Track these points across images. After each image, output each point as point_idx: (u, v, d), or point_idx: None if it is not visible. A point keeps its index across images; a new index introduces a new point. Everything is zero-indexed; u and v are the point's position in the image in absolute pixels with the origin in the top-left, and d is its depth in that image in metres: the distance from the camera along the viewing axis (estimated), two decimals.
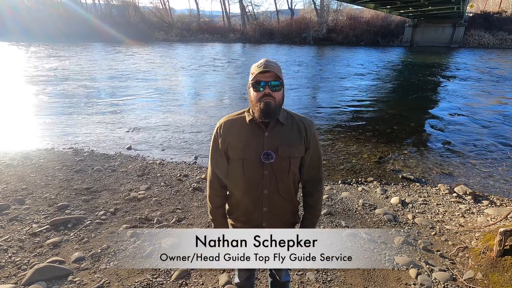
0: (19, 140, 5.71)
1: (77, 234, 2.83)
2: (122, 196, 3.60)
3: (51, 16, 35.47)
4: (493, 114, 8.17)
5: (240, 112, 1.39)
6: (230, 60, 20.12)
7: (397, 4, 23.90)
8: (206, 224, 3.10)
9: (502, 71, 15.62)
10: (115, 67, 15.69)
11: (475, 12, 33.17)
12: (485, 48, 28.53)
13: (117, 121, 7.19)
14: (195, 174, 4.41)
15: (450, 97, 10.20)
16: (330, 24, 35.74)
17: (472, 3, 32.86)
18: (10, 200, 3.35)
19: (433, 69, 16.62)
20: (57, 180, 3.95)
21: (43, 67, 14.94)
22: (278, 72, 1.25)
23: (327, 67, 17.55)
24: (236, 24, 43.17)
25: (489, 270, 2.35)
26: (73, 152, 5.13)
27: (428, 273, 2.40)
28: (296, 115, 1.39)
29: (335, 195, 3.80)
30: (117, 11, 41.57)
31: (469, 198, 3.77)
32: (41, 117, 7.36)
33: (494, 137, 6.41)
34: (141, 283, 2.25)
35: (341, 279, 2.34)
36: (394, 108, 8.93)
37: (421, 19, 31.76)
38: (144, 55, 22.11)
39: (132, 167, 4.55)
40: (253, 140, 1.31)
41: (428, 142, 6.21)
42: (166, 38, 38.46)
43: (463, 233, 2.94)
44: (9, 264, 2.39)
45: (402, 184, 4.25)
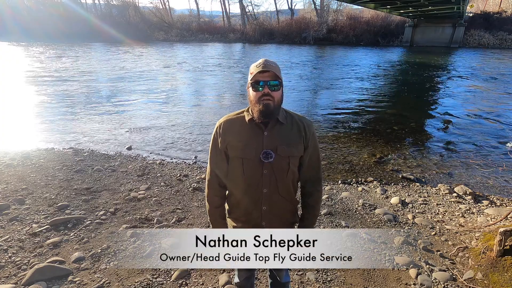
0: (19, 140, 5.71)
1: (77, 234, 2.83)
2: (122, 196, 3.60)
3: (51, 16, 35.49)
4: (493, 114, 8.17)
5: (239, 112, 1.39)
6: (230, 60, 20.13)
7: (397, 4, 23.90)
8: (206, 224, 3.10)
9: (502, 71, 15.62)
10: (115, 67, 15.69)
11: (475, 12, 33.17)
12: (485, 48, 28.53)
13: (117, 121, 7.19)
14: (195, 174, 4.41)
15: (450, 97, 10.20)
16: (330, 24, 35.75)
17: (472, 3, 32.84)
18: (10, 200, 3.35)
19: (433, 69, 16.62)
20: (57, 180, 3.95)
21: (43, 67, 14.95)
22: (277, 72, 1.25)
23: (327, 67, 17.55)
24: (236, 24, 43.20)
25: (489, 270, 2.35)
26: (73, 152, 5.13)
27: (428, 273, 2.40)
28: (295, 114, 1.39)
29: (335, 195, 3.80)
30: (117, 11, 41.60)
31: (469, 198, 3.77)
32: (41, 117, 7.36)
33: (494, 137, 6.40)
34: (141, 283, 2.25)
35: (341, 279, 2.34)
36: (394, 108, 8.93)
37: (421, 19, 31.77)
38: (144, 55, 22.12)
39: (132, 167, 4.55)
40: (252, 139, 1.31)
41: (428, 142, 6.21)
42: (166, 38, 38.47)
43: (463, 233, 2.94)
44: (9, 264, 2.39)
45: (402, 184, 4.25)
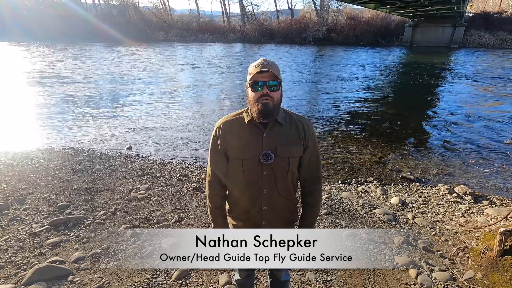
0: (19, 140, 5.71)
1: (77, 234, 2.83)
2: (122, 196, 3.60)
3: (51, 16, 35.45)
4: (493, 114, 8.17)
5: (238, 113, 1.39)
6: (230, 60, 20.13)
7: (397, 4, 23.91)
8: (206, 224, 3.10)
9: (502, 71, 15.62)
10: (115, 67, 15.69)
11: (475, 12, 33.17)
12: (485, 48, 28.53)
13: (117, 121, 7.19)
14: (195, 174, 4.41)
15: (450, 97, 10.20)
16: (330, 24, 35.73)
17: (472, 3, 32.85)
18: (10, 200, 3.35)
19: (433, 69, 16.62)
20: (57, 180, 3.95)
21: (43, 67, 14.94)
22: (276, 72, 1.25)
23: (327, 67, 17.55)
24: (236, 24, 43.16)
25: (489, 270, 2.35)
26: (73, 152, 5.13)
27: (428, 273, 2.40)
28: (294, 114, 1.39)
29: (335, 195, 3.80)
30: (117, 11, 41.58)
31: (469, 198, 3.77)
32: (41, 117, 7.35)
33: (494, 137, 6.40)
34: (141, 283, 2.25)
35: (341, 279, 2.34)
36: (394, 108, 8.93)
37: (421, 19, 31.77)
38: (144, 55, 22.11)
39: (132, 167, 4.55)
40: (252, 140, 1.31)
41: (428, 142, 6.21)
42: (166, 38, 38.45)
43: (463, 233, 2.94)
44: (9, 264, 2.39)
45: (402, 184, 4.25)
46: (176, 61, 19.04)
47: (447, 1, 20.75)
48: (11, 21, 32.96)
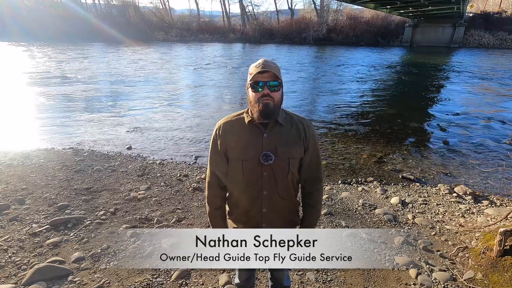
0: (19, 140, 5.71)
1: (77, 234, 2.83)
2: (122, 196, 3.61)
3: (51, 16, 35.44)
4: (493, 114, 8.17)
5: (239, 113, 1.38)
6: (230, 60, 20.13)
7: (397, 4, 23.90)
8: (206, 224, 3.10)
9: (502, 71, 15.62)
10: (115, 68, 15.69)
11: (475, 12, 33.18)
12: (485, 48, 28.53)
13: (117, 121, 7.19)
14: (195, 174, 4.41)
15: (450, 97, 10.20)
16: (330, 24, 35.72)
17: (472, 3, 32.86)
18: (10, 200, 3.35)
19: (433, 69, 16.62)
20: (57, 180, 3.95)
21: (43, 67, 14.94)
22: (276, 72, 1.24)
23: (327, 67, 17.55)
24: (236, 24, 43.15)
25: (489, 270, 2.35)
26: (73, 152, 5.13)
27: (428, 273, 2.40)
28: (295, 115, 1.39)
29: (335, 195, 3.80)
30: (117, 11, 41.57)
31: (469, 198, 3.77)
32: (41, 117, 7.35)
33: (494, 137, 6.40)
34: (141, 283, 2.25)
35: (341, 279, 2.34)
36: (394, 108, 8.93)
37: (421, 19, 31.77)
38: (144, 55, 22.11)
39: (132, 167, 4.55)
40: (252, 141, 1.31)
41: (428, 142, 6.21)
42: (166, 38, 38.45)
43: (463, 233, 2.94)
44: (9, 264, 2.39)
45: (402, 184, 4.25)
46: (176, 61, 19.05)
47: (447, 1, 20.75)
48: (11, 21, 32.95)
